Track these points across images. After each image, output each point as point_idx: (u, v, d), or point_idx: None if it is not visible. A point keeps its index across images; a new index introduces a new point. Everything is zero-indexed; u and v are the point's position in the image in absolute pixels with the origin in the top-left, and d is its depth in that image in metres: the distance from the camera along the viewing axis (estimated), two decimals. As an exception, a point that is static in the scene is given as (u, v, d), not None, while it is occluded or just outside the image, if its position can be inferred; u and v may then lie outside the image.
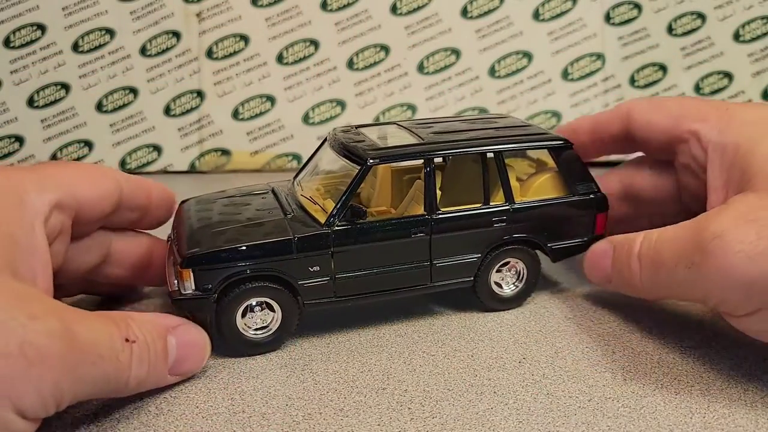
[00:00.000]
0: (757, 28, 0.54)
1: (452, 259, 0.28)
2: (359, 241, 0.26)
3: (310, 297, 0.27)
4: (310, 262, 0.26)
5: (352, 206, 0.26)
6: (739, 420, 0.22)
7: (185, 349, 0.24)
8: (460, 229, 0.28)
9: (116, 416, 0.23)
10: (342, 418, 0.23)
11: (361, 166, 0.27)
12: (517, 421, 0.22)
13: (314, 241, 0.26)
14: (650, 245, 0.25)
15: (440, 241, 0.27)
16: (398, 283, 0.28)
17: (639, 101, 0.31)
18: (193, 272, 0.25)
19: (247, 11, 0.54)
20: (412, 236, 0.27)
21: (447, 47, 0.54)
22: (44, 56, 0.53)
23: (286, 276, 0.26)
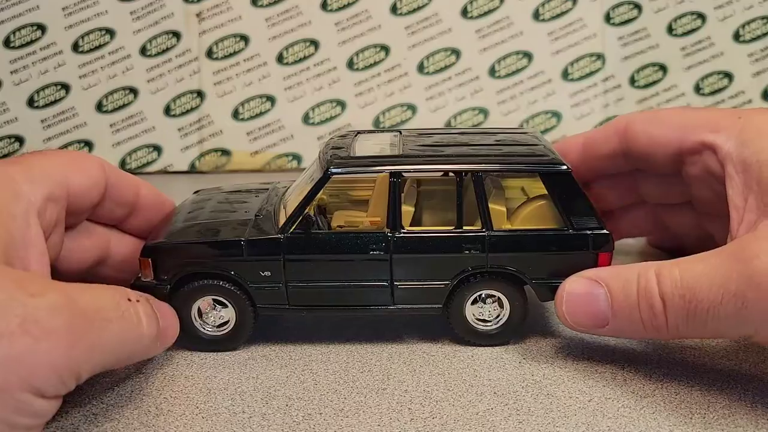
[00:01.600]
0: (757, 28, 0.54)
1: (416, 284, 0.26)
2: (311, 251, 0.26)
3: (263, 301, 0.26)
4: (261, 266, 0.26)
5: (305, 215, 0.26)
6: (740, 420, 0.22)
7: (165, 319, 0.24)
8: (424, 251, 0.26)
9: (116, 416, 0.23)
10: (342, 418, 0.23)
11: (323, 173, 0.26)
12: (517, 422, 0.22)
13: (264, 246, 0.26)
14: (675, 283, 0.22)
15: (402, 262, 0.26)
16: (356, 300, 0.26)
17: (636, 115, 0.30)
18: (151, 261, 0.26)
19: (248, 11, 0.54)
20: (370, 253, 0.25)
21: (447, 47, 0.54)
22: (44, 56, 0.53)
23: (236, 277, 0.26)
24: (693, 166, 0.28)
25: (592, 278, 0.25)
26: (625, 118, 0.30)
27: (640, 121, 0.29)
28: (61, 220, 0.25)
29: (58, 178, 0.24)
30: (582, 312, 0.25)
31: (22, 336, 0.17)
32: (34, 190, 0.23)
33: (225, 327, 0.26)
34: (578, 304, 0.25)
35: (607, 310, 0.24)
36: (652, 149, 0.29)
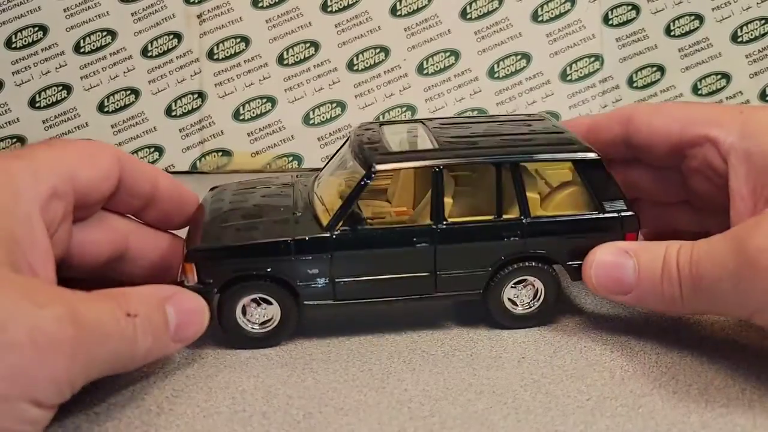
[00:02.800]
0: (755, 29, 0.54)
1: (458, 272, 0.27)
2: (360, 247, 0.26)
3: (309, 298, 0.26)
4: (308, 264, 0.26)
5: (352, 212, 0.26)
6: (737, 419, 0.23)
7: (184, 316, 0.24)
8: (468, 240, 0.27)
9: (117, 416, 0.23)
10: (342, 416, 0.23)
11: (365, 171, 0.26)
12: (515, 420, 0.22)
13: (312, 245, 0.26)
14: (687, 258, 0.24)
15: (445, 252, 0.26)
16: (400, 291, 0.27)
17: (641, 105, 0.31)
18: (195, 266, 0.26)
19: (248, 13, 0.54)
20: (416, 246, 0.26)
21: (446, 48, 0.54)
22: (46, 57, 0.53)
23: (284, 276, 0.26)
24: (693, 159, 0.28)
25: (623, 248, 0.26)
26: (630, 108, 0.31)
27: (644, 112, 0.30)
28: (67, 215, 0.24)
29: (64, 172, 0.23)
30: (609, 277, 0.26)
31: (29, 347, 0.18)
32: (38, 186, 0.22)
33: (269, 324, 0.26)
34: (606, 270, 0.26)
35: (632, 278, 0.26)
36: (653, 139, 0.29)
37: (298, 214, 0.27)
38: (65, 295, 0.20)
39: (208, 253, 0.26)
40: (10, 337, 0.17)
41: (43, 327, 0.18)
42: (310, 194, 0.29)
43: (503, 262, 0.27)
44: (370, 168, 0.26)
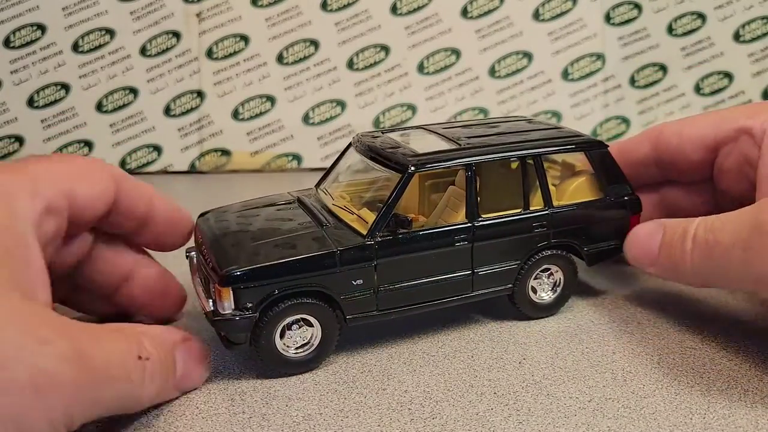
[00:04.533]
0: (757, 29, 0.54)
1: (493, 267, 0.27)
2: (402, 252, 0.26)
3: (352, 311, 0.26)
4: (354, 275, 0.25)
5: (396, 215, 0.25)
6: (739, 421, 0.22)
7: (189, 365, 0.23)
8: (501, 235, 0.27)
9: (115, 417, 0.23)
10: (342, 418, 0.23)
11: (402, 174, 0.26)
12: (517, 422, 0.22)
13: (358, 254, 0.25)
14: (706, 227, 0.25)
15: (481, 249, 0.27)
16: (440, 294, 0.27)
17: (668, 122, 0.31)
18: (233, 291, 0.24)
19: (247, 11, 0.54)
20: (455, 245, 0.26)
21: (447, 47, 0.54)
22: (44, 56, 0.53)
23: (329, 291, 0.25)
24: (728, 157, 0.29)
25: (659, 222, 0.28)
26: (658, 126, 0.32)
27: (672, 125, 0.31)
28: (60, 232, 0.23)
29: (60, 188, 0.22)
30: (638, 247, 0.28)
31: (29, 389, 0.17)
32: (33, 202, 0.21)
33: (308, 346, 0.25)
34: (639, 240, 0.28)
35: (656, 248, 0.27)
36: (685, 148, 0.30)
37: (328, 228, 0.26)
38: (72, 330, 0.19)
39: (251, 273, 0.24)
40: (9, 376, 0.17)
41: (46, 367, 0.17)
42: (325, 207, 0.28)
43: (531, 253, 0.28)
44: (406, 169, 0.26)
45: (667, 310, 0.31)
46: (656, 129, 0.31)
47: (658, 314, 0.30)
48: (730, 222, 0.24)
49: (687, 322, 0.30)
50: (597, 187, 0.30)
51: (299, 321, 0.25)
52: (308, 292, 0.25)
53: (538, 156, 0.28)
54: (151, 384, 0.21)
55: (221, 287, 0.24)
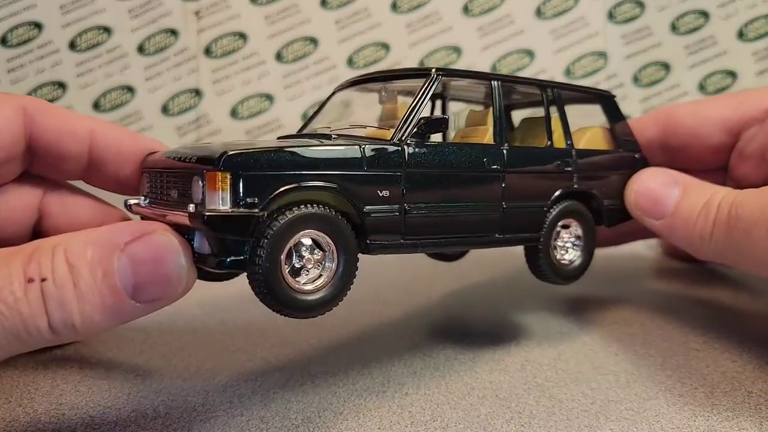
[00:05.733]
0: (760, 27, 0.54)
1: (522, 204, 0.25)
2: (433, 165, 0.22)
3: (376, 233, 0.20)
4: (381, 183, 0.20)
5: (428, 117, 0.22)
6: (743, 423, 0.22)
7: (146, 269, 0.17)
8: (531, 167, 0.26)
9: (113, 419, 0.23)
10: (341, 421, 0.22)
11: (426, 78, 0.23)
12: (519, 425, 0.22)
13: (386, 155, 0.21)
14: (729, 200, 0.24)
15: (512, 180, 0.25)
16: (470, 229, 0.24)
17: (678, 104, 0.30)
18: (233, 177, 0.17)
19: (246, 9, 0.54)
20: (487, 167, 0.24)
21: (448, 45, 0.54)
22: (41, 55, 0.53)
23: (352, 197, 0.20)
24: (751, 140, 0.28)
25: (674, 177, 0.27)
26: (667, 108, 0.31)
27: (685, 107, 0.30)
28: None
29: None
30: (648, 197, 0.27)
31: None
32: None
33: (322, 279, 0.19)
34: (649, 190, 0.27)
35: (670, 206, 0.26)
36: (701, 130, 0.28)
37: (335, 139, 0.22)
38: None
39: (258, 156, 0.18)
40: None
41: None
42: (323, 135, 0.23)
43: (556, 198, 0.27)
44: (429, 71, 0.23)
45: (671, 312, 0.31)
46: (663, 111, 0.30)
47: (661, 316, 0.30)
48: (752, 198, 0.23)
49: (690, 325, 0.29)
50: (610, 138, 0.29)
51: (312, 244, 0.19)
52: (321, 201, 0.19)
53: (557, 89, 0.27)
54: (59, 311, 0.16)
55: (218, 171, 0.17)
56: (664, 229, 0.26)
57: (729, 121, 0.28)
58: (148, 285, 0.18)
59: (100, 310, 0.17)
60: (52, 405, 0.23)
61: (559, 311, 0.31)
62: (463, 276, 0.36)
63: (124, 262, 0.17)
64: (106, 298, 0.17)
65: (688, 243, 0.25)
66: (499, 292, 0.34)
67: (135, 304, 0.18)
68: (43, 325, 0.17)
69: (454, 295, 0.30)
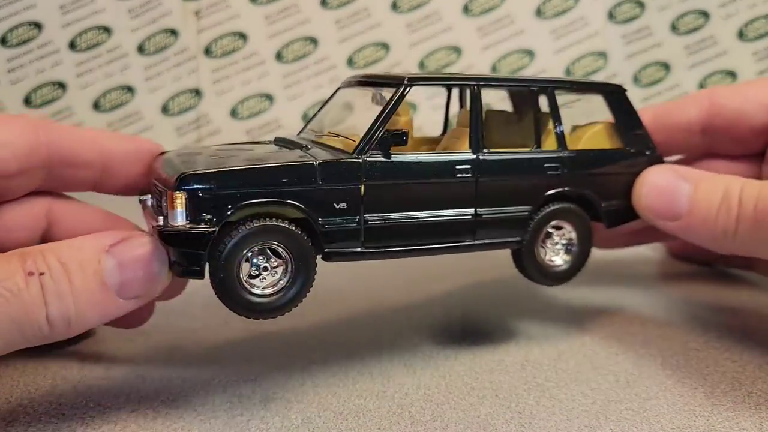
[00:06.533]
0: (760, 27, 0.54)
1: (499, 211, 0.24)
2: (395, 176, 0.22)
3: (333, 243, 0.21)
4: (337, 195, 0.21)
5: (389, 131, 0.22)
6: (743, 423, 0.22)
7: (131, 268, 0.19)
8: (510, 173, 0.24)
9: (113, 419, 0.23)
10: (342, 421, 0.22)
11: (396, 88, 0.23)
12: (519, 425, 0.22)
13: (342, 170, 0.21)
14: (754, 193, 0.23)
15: (487, 187, 0.23)
16: (438, 236, 0.23)
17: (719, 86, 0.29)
18: (187, 196, 0.19)
19: (246, 9, 0.54)
20: (457, 176, 0.23)
21: (448, 45, 0.54)
22: (41, 55, 0.53)
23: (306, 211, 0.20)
24: None
25: (681, 173, 0.25)
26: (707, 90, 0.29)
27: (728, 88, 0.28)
28: None
29: None
30: (660, 201, 0.25)
31: None
32: None
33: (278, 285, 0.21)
34: (659, 193, 0.25)
35: (685, 205, 0.25)
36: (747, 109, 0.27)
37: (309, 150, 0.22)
38: None
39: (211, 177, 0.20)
40: None
41: None
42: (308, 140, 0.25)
43: (542, 202, 0.25)
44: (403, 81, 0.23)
45: (671, 312, 0.30)
46: (704, 92, 0.28)
47: (661, 317, 0.30)
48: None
49: (691, 324, 0.29)
50: (616, 137, 0.27)
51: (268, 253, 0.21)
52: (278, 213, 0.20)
53: (550, 90, 0.25)
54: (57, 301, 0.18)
55: (173, 191, 0.20)
56: (681, 230, 0.25)
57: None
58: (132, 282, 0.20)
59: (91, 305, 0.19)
60: (52, 405, 0.23)
61: (559, 311, 0.30)
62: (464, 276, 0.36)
63: (111, 262, 0.19)
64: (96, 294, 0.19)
65: (710, 241, 0.24)
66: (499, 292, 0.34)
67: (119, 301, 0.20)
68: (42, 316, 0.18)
69: (454, 295, 0.30)
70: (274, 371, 0.26)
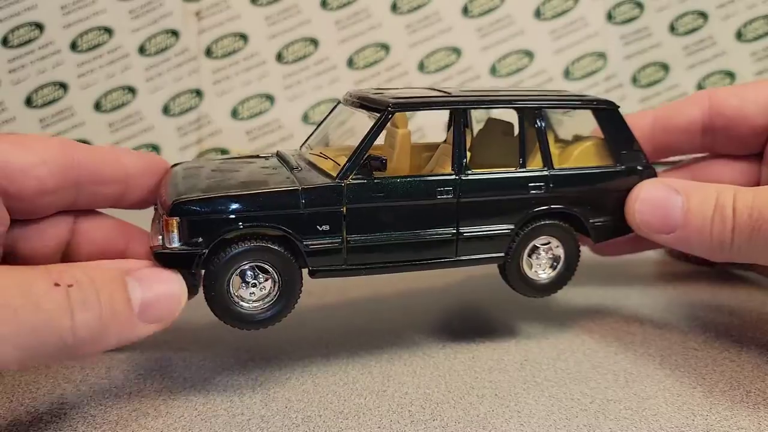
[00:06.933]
0: (759, 28, 0.54)
1: (481, 229, 0.24)
2: (377, 199, 0.23)
3: (317, 262, 0.23)
4: (319, 219, 0.22)
5: (370, 157, 0.23)
6: (742, 422, 0.22)
7: (153, 292, 0.20)
8: (492, 193, 0.24)
9: (114, 418, 0.23)
10: (342, 420, 0.22)
11: (381, 113, 0.23)
12: (518, 424, 0.22)
13: (324, 195, 0.22)
14: (747, 202, 0.23)
15: (469, 206, 0.24)
16: (419, 254, 0.24)
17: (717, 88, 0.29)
18: (181, 221, 0.21)
19: (247, 10, 0.54)
20: (438, 198, 0.23)
21: (448, 46, 0.54)
22: (42, 55, 0.53)
23: (289, 234, 0.22)
24: None
25: (672, 185, 0.25)
26: (706, 90, 0.29)
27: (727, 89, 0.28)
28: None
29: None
30: (654, 214, 0.25)
31: None
32: None
33: (266, 300, 0.22)
34: (652, 207, 0.25)
35: (679, 217, 0.24)
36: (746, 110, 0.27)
37: (298, 171, 0.24)
38: None
39: (197, 204, 0.21)
40: None
41: None
42: (303, 157, 0.26)
43: (526, 220, 0.25)
44: (387, 108, 0.24)
45: (670, 311, 0.31)
46: (704, 93, 0.28)
47: (660, 315, 0.30)
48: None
49: (689, 324, 0.29)
50: (606, 154, 0.26)
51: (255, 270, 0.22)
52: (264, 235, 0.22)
53: (537, 109, 0.25)
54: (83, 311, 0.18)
55: (168, 217, 0.22)
56: (678, 242, 0.25)
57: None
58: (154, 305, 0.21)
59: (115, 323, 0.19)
60: (54, 404, 0.23)
61: (558, 310, 0.31)
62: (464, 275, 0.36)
63: (135, 284, 0.20)
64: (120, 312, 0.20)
65: (707, 251, 0.24)
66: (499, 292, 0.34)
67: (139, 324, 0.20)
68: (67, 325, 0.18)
69: (454, 294, 0.30)
70: (275, 370, 0.26)
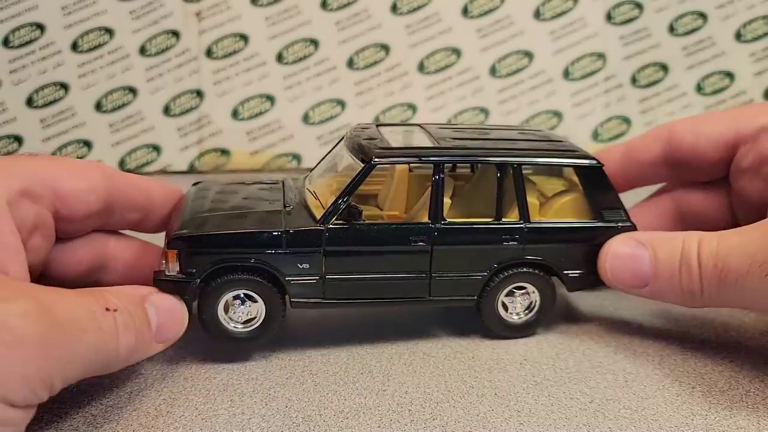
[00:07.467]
0: (758, 28, 0.54)
1: (454, 275, 0.26)
2: (354, 243, 0.25)
3: (297, 295, 0.26)
4: (300, 258, 0.25)
5: (349, 205, 0.25)
6: (741, 422, 0.22)
7: (164, 316, 0.23)
8: (465, 243, 0.26)
9: (115, 418, 0.23)
10: (342, 419, 0.23)
11: (364, 164, 0.26)
12: (518, 423, 0.22)
13: (305, 238, 0.25)
14: (711, 252, 0.23)
15: (442, 254, 0.26)
16: (392, 293, 0.26)
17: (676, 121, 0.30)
18: (178, 254, 0.25)
19: (247, 10, 0.54)
20: (412, 245, 0.26)
21: (447, 47, 0.54)
22: (43, 56, 0.53)
23: (273, 270, 0.25)
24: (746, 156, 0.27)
25: (639, 240, 0.26)
26: (667, 125, 0.30)
27: (684, 124, 0.29)
28: (44, 222, 0.23)
29: (41, 177, 0.23)
30: (625, 270, 0.26)
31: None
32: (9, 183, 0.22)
33: (253, 323, 0.26)
34: (622, 263, 0.26)
35: (649, 271, 0.25)
36: (701, 147, 0.28)
37: (289, 208, 0.26)
38: (34, 289, 0.19)
39: (192, 240, 0.25)
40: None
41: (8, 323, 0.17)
42: (301, 190, 0.28)
43: (500, 267, 0.27)
44: (371, 160, 0.25)
45: (669, 310, 0.31)
46: (665, 127, 0.30)
47: (659, 315, 0.30)
48: (740, 245, 0.23)
49: (688, 323, 0.30)
50: (586, 209, 0.27)
51: (243, 296, 0.25)
52: (251, 267, 0.25)
53: (517, 165, 0.26)
54: (126, 334, 0.21)
55: (167, 249, 0.25)
56: (652, 294, 0.26)
57: (727, 137, 0.28)
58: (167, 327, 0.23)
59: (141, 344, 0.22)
60: (54, 404, 0.23)
61: (557, 310, 0.31)
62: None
63: (152, 309, 0.23)
64: (145, 334, 0.22)
65: (681, 301, 0.25)
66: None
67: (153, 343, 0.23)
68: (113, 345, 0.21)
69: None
70: (275, 370, 0.26)
